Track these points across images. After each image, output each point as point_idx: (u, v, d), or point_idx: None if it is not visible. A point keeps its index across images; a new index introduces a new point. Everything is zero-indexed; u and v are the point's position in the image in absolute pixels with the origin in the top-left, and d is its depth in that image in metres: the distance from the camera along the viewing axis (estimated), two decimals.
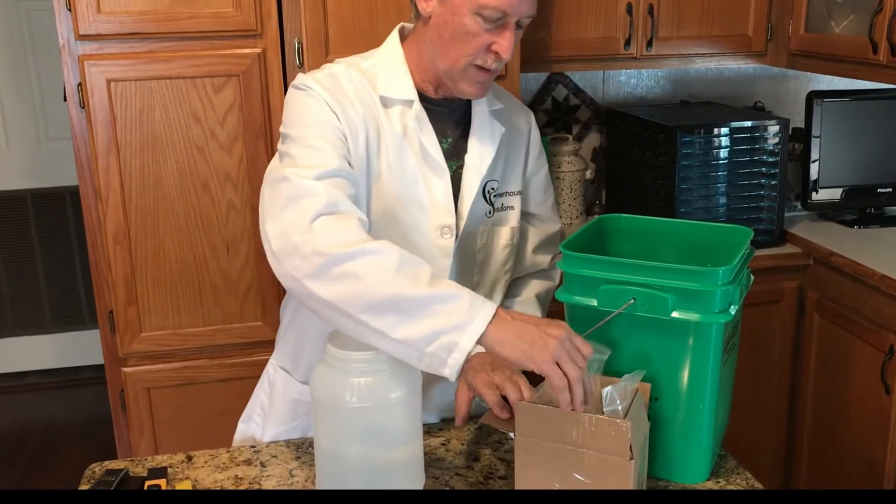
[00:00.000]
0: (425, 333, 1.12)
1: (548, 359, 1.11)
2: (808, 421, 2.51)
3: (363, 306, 1.14)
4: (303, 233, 1.17)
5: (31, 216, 3.75)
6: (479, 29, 1.29)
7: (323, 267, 1.16)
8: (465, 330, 1.12)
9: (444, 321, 1.12)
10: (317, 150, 1.27)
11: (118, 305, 2.08)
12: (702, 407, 1.29)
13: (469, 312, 1.13)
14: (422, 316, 1.13)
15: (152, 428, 2.18)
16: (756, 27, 2.56)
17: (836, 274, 2.34)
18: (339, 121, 1.31)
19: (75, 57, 1.95)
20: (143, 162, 2.00)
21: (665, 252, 1.48)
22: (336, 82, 1.35)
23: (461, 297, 1.14)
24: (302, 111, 1.32)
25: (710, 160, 2.39)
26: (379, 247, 1.17)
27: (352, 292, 1.15)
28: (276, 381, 1.56)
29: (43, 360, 3.90)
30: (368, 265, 1.15)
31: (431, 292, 1.13)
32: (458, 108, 1.45)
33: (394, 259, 1.16)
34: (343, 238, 1.17)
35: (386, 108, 1.37)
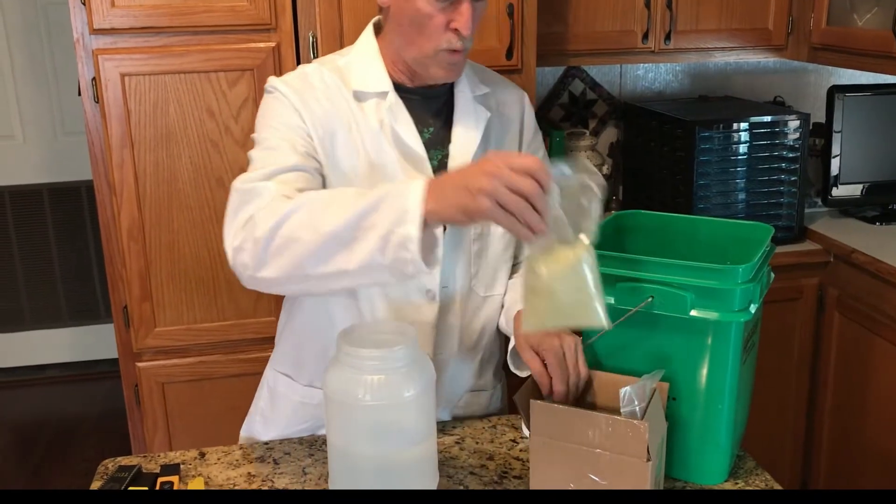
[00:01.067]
0: (374, 247, 1.10)
1: (484, 206, 1.04)
2: (827, 420, 2.48)
3: (312, 261, 1.15)
4: (242, 232, 1.20)
5: (48, 210, 3.76)
6: (433, 10, 1.27)
7: (262, 251, 1.17)
8: (405, 220, 1.08)
9: (382, 226, 1.10)
10: (274, 150, 1.30)
11: (132, 300, 2.08)
12: (721, 407, 1.27)
13: (400, 202, 1.09)
14: (362, 235, 1.11)
15: (166, 422, 2.18)
16: (776, 20, 2.53)
17: (857, 271, 2.31)
18: (303, 120, 1.33)
19: (89, 51, 1.94)
20: (157, 157, 1.99)
21: (683, 249, 1.45)
22: (305, 82, 1.36)
23: (387, 194, 1.11)
24: (267, 115, 1.35)
25: (729, 156, 2.36)
26: (300, 201, 1.18)
27: (296, 256, 1.16)
28: (276, 386, 1.53)
29: (59, 354, 3.91)
30: (297, 224, 1.15)
31: (358, 209, 1.12)
32: (439, 95, 1.41)
33: (317, 204, 1.16)
34: (270, 215, 1.17)
35: (361, 102, 1.37)
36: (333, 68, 1.39)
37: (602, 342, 1.32)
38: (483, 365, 1.54)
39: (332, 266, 1.14)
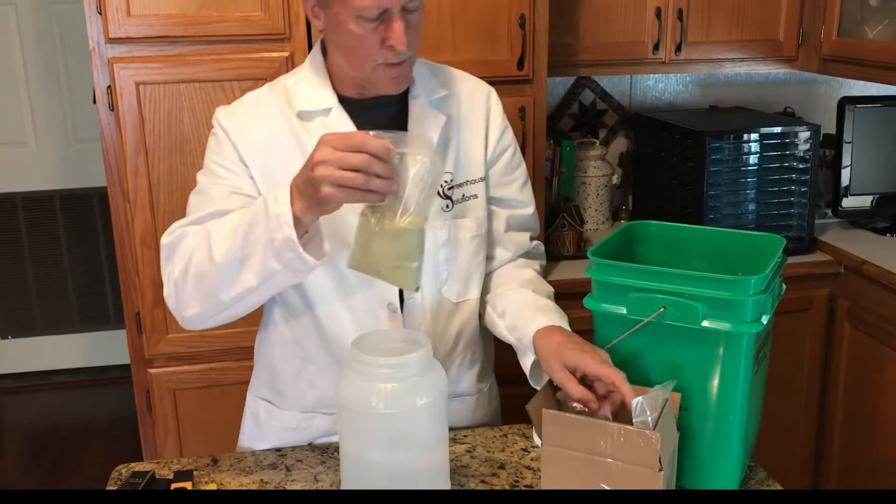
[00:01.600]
0: (264, 258, 1.21)
1: (327, 192, 1.12)
2: (837, 432, 2.47)
3: (219, 288, 1.26)
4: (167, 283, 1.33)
5: (60, 216, 3.79)
6: (366, 31, 1.26)
7: (181, 293, 1.30)
8: (280, 225, 1.17)
9: (264, 236, 1.19)
10: (203, 194, 1.36)
11: (145, 307, 2.09)
12: (732, 418, 1.27)
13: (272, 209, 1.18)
14: (251, 251, 1.21)
15: (177, 429, 2.19)
16: (787, 32, 2.53)
17: (867, 283, 2.31)
18: (240, 155, 1.36)
19: (105, 60, 1.96)
20: (171, 164, 2.01)
21: (694, 260, 1.45)
22: (248, 110, 1.39)
23: (259, 205, 1.21)
24: (207, 154, 1.40)
25: (740, 166, 2.37)
26: (199, 237, 1.27)
27: (206, 288, 1.27)
28: (258, 411, 1.53)
29: (70, 360, 3.93)
30: (199, 260, 1.26)
31: (240, 229, 1.22)
32: (391, 104, 1.39)
33: (211, 235, 1.26)
34: (180, 258, 1.29)
35: (306, 122, 1.37)
36: (281, 90, 1.40)
37: (613, 352, 1.32)
38: (461, 371, 1.51)
39: (238, 287, 1.25)
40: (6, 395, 3.77)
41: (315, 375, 1.45)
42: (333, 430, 1.47)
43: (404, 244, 1.19)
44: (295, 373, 1.46)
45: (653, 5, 2.43)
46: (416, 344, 1.22)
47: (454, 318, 1.48)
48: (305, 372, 1.45)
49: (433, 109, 1.42)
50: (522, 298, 1.45)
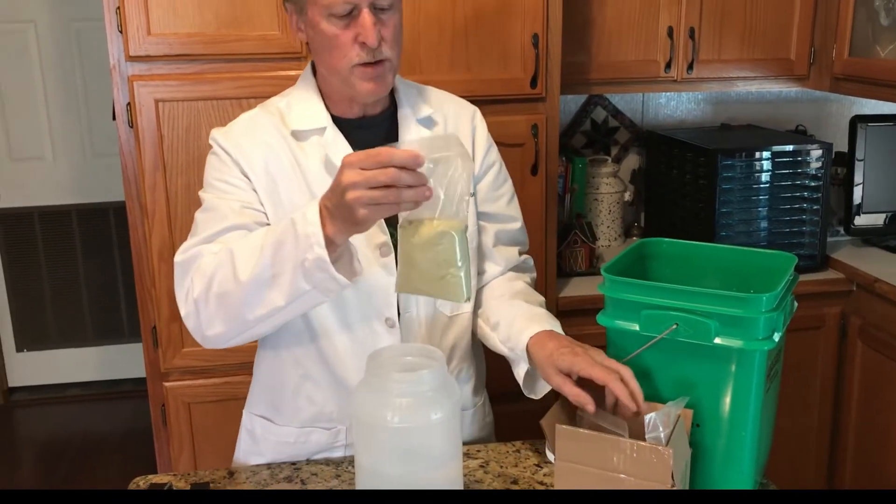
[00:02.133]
0: (294, 277, 1.20)
1: (362, 214, 1.12)
2: (850, 450, 2.47)
3: (246, 308, 1.26)
4: (184, 303, 1.32)
5: (76, 231, 3.83)
6: (338, 29, 1.29)
7: (202, 312, 1.29)
8: (311, 245, 1.17)
9: (294, 256, 1.19)
10: (211, 211, 1.36)
11: (161, 321, 2.11)
12: (744, 434, 1.28)
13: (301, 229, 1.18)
14: (279, 271, 1.21)
15: (192, 442, 2.21)
16: (798, 51, 2.55)
17: (880, 301, 2.31)
18: (243, 171, 1.37)
19: (125, 77, 2.00)
20: (188, 180, 2.04)
21: (706, 277, 1.47)
22: (245, 130, 1.40)
23: (288, 224, 1.20)
24: (208, 173, 1.40)
25: (752, 184, 2.38)
26: (220, 256, 1.27)
27: (231, 308, 1.27)
28: (254, 428, 1.54)
29: (84, 373, 3.96)
30: (222, 279, 1.26)
31: (267, 248, 1.22)
32: (382, 122, 1.43)
33: (234, 254, 1.25)
34: (201, 277, 1.29)
35: (301, 141, 1.39)
36: (274, 111, 1.43)
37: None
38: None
39: (266, 307, 1.25)
40: (21, 408, 3.80)
41: (313, 391, 1.46)
42: (332, 445, 1.48)
43: (445, 249, 1.18)
44: (293, 389, 1.47)
45: (665, 24, 2.46)
46: (430, 359, 1.23)
47: (448, 332, 1.49)
48: (303, 387, 1.46)
49: (422, 127, 1.45)
50: (514, 309, 1.45)
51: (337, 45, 1.31)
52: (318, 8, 1.29)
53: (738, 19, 2.49)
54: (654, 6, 2.44)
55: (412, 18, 2.05)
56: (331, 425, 1.47)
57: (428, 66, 2.08)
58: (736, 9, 2.49)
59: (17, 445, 3.52)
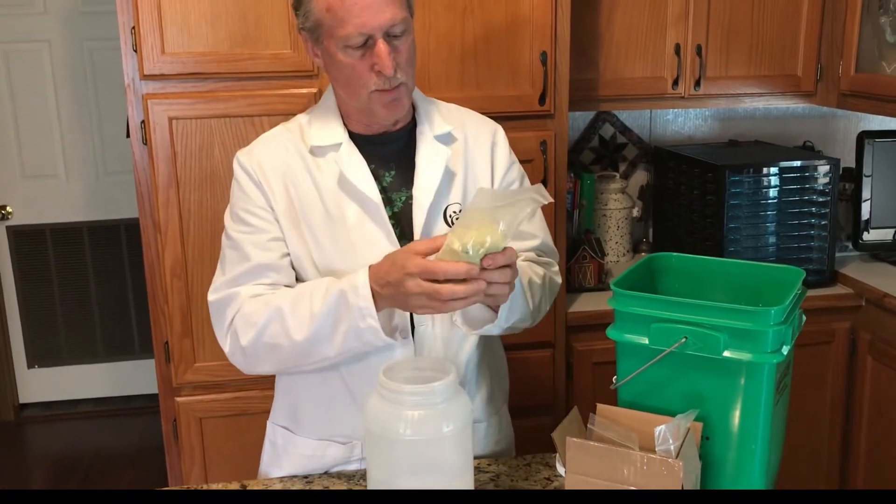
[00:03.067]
0: (346, 338, 1.33)
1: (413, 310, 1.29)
2: (861, 466, 2.46)
3: (297, 359, 1.39)
4: (229, 339, 1.42)
5: (87, 248, 3.86)
6: (354, 59, 1.34)
7: (251, 357, 1.41)
8: (364, 315, 1.30)
9: (347, 323, 1.32)
10: (237, 249, 1.43)
11: (174, 336, 2.13)
12: (754, 448, 1.28)
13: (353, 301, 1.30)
14: (332, 332, 1.33)
15: (203, 457, 2.22)
16: (805, 67, 2.57)
17: (890, 315, 2.31)
18: (264, 195, 1.42)
19: (139, 96, 2.03)
20: (201, 197, 2.06)
21: (715, 291, 1.47)
22: (266, 150, 1.45)
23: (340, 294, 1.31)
24: (234, 199, 1.46)
25: (760, 200, 2.39)
26: (270, 312, 1.36)
27: (281, 357, 1.39)
28: (276, 439, 1.57)
29: (95, 389, 3.98)
30: (273, 333, 1.36)
31: (320, 314, 1.33)
32: (399, 137, 1.46)
33: (284, 311, 1.35)
34: (247, 326, 1.38)
35: (318, 157, 1.44)
36: (295, 127, 1.48)
37: (636, 381, 1.34)
38: (472, 398, 1.53)
39: (315, 357, 1.38)
40: (32, 424, 3.82)
41: (331, 405, 1.48)
42: (348, 459, 1.50)
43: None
44: (311, 401, 1.50)
45: (672, 41, 2.48)
46: (442, 372, 1.25)
47: (465, 346, 1.50)
48: (322, 400, 1.49)
49: (439, 144, 1.47)
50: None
51: (354, 74, 1.35)
52: (334, 40, 1.34)
53: (744, 36, 2.52)
54: (661, 23, 2.47)
55: (423, 37, 2.08)
56: (346, 439, 1.49)
57: (437, 83, 2.11)
58: (743, 25, 2.51)
59: (29, 461, 3.53)
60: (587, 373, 2.35)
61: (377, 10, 1.30)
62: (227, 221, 1.47)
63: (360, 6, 1.30)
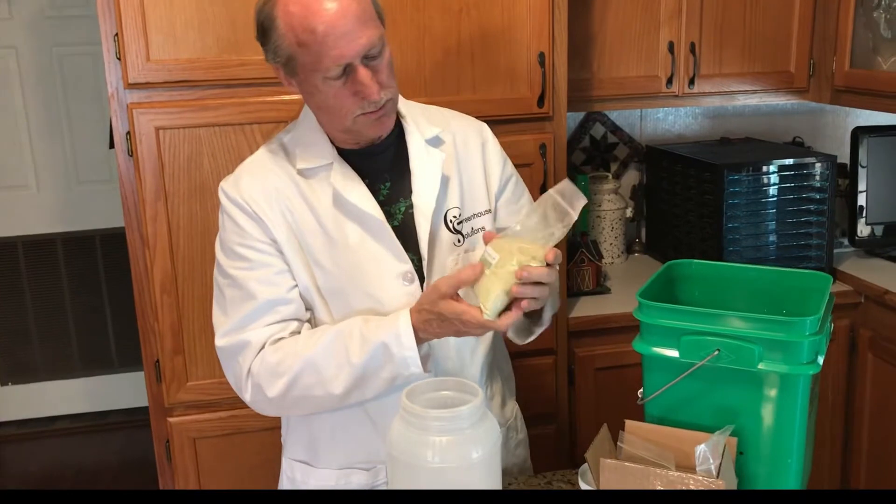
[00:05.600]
0: (385, 386, 1.32)
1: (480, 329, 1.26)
2: (863, 463, 2.45)
3: (331, 405, 1.36)
4: (249, 387, 1.35)
5: (61, 260, 3.74)
6: (336, 89, 1.27)
7: (280, 406, 1.37)
8: (408, 365, 1.29)
9: (389, 372, 1.30)
10: (239, 289, 1.35)
11: (164, 354, 2.05)
12: (789, 461, 1.25)
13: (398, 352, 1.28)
14: (371, 381, 1.31)
15: (198, 478, 2.14)
16: (798, 63, 2.55)
17: (890, 312, 2.29)
18: (261, 226, 1.35)
19: (124, 105, 1.94)
20: (191, 209, 1.98)
21: (737, 299, 1.44)
22: (252, 177, 1.37)
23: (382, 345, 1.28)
24: (225, 233, 1.38)
25: (759, 198, 2.36)
26: (295, 366, 1.31)
27: (315, 405, 1.36)
28: (294, 475, 1.50)
29: (72, 405, 3.86)
30: (306, 385, 1.32)
31: (359, 365, 1.30)
32: (388, 146, 1.40)
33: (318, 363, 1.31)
34: (272, 376, 1.32)
35: (309, 178, 1.37)
36: (278, 149, 1.40)
37: (664, 396, 1.29)
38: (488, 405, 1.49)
39: (350, 402, 1.35)
40: (8, 443, 3.70)
41: (350, 431, 1.42)
42: (372, 485, 1.44)
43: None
44: (328, 429, 1.44)
45: (665, 39, 2.45)
46: (468, 394, 1.19)
47: (477, 351, 1.47)
48: (339, 426, 1.43)
49: (431, 147, 1.42)
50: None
51: (338, 103, 1.29)
52: (311, 75, 1.27)
53: (737, 33, 2.49)
54: (654, 21, 2.43)
55: (418, 40, 2.01)
56: (369, 465, 1.43)
57: (434, 87, 2.05)
58: (735, 22, 2.48)
59: (8, 483, 3.41)
60: (589, 379, 2.31)
61: (352, 38, 1.23)
62: (221, 258, 1.38)
63: (335, 37, 1.22)
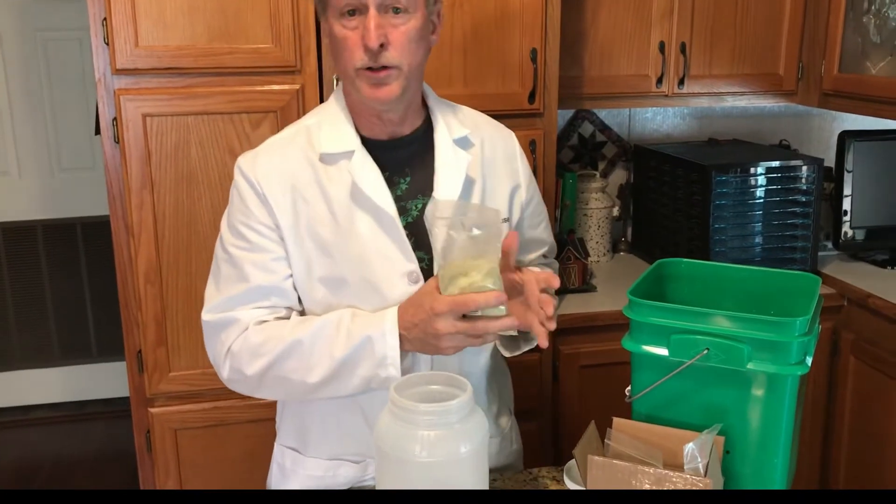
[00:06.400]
0: (360, 383, 1.30)
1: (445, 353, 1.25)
2: (843, 466, 2.46)
3: (306, 394, 1.34)
4: (227, 364, 1.35)
5: (42, 247, 3.70)
6: (347, 31, 1.26)
7: (256, 386, 1.36)
8: (385, 364, 1.27)
9: (366, 369, 1.28)
10: (235, 267, 1.34)
11: (147, 345, 2.03)
12: (776, 461, 1.25)
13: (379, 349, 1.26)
14: (348, 375, 1.29)
15: (178, 470, 2.12)
16: (787, 66, 2.56)
17: (872, 316, 2.31)
18: (267, 208, 1.33)
19: (111, 91, 1.91)
20: (177, 198, 1.96)
21: (726, 299, 1.44)
22: (270, 156, 1.35)
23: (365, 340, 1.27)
24: (232, 208, 1.37)
25: (746, 200, 2.37)
26: (277, 348, 1.30)
27: (290, 390, 1.34)
28: (284, 461, 1.50)
29: (50, 394, 3.82)
30: (286, 369, 1.31)
31: (339, 357, 1.28)
32: (415, 141, 1.39)
33: (301, 349, 1.29)
34: (252, 356, 1.32)
35: (329, 165, 1.34)
36: (303, 130, 1.38)
37: (652, 394, 1.29)
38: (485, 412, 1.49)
39: (324, 395, 1.33)
40: None
41: (342, 423, 1.41)
42: (361, 479, 1.43)
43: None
44: (320, 418, 1.43)
45: (656, 39, 2.45)
46: (457, 388, 1.18)
47: (479, 359, 1.46)
48: (331, 417, 1.42)
49: (458, 148, 1.40)
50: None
51: (345, 46, 1.27)
52: (331, 9, 1.27)
53: (728, 35, 2.50)
54: (645, 21, 2.43)
55: None
56: (359, 458, 1.42)
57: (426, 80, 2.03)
58: (726, 24, 2.49)
59: None
60: (574, 376, 2.31)
61: None
62: (224, 231, 1.37)
63: None
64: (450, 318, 1.19)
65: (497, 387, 1.54)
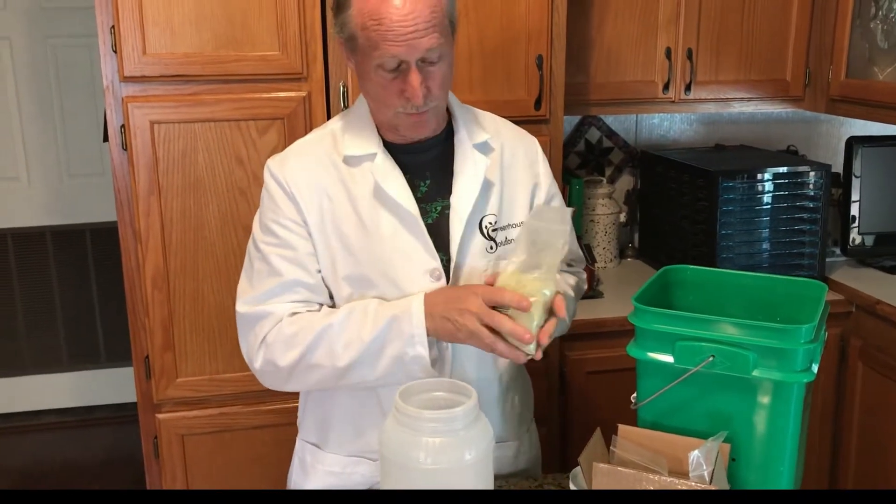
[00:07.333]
0: (389, 365, 1.32)
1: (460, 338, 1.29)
2: (851, 473, 2.45)
3: (335, 381, 1.36)
4: (260, 356, 1.37)
5: (51, 253, 3.71)
6: (386, 80, 1.29)
7: (287, 376, 1.38)
8: (413, 342, 1.30)
9: (394, 349, 1.31)
10: (268, 264, 1.38)
11: (154, 350, 2.03)
12: (782, 469, 1.25)
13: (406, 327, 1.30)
14: (377, 358, 1.32)
15: (185, 475, 2.13)
16: (794, 72, 2.56)
17: (881, 322, 2.30)
18: (297, 207, 1.37)
19: (119, 98, 1.92)
20: (184, 204, 1.97)
21: (731, 305, 1.44)
22: (298, 158, 1.40)
23: (392, 320, 1.31)
24: (264, 210, 1.41)
25: (753, 206, 2.36)
26: (309, 338, 1.33)
27: (321, 378, 1.36)
28: (304, 456, 1.52)
29: (59, 399, 3.84)
30: (317, 357, 1.34)
31: (369, 339, 1.31)
32: (435, 145, 1.42)
33: (331, 335, 1.32)
34: (286, 346, 1.35)
35: (352, 167, 1.38)
36: (328, 133, 1.42)
37: (658, 401, 1.29)
38: (504, 416, 1.51)
39: (353, 381, 1.36)
40: None
41: (361, 420, 1.44)
42: (377, 478, 1.44)
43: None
44: (340, 415, 1.46)
45: (663, 45, 2.45)
46: (462, 395, 1.19)
47: (498, 362, 1.47)
48: (352, 416, 1.45)
49: (478, 153, 1.42)
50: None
51: (384, 94, 1.31)
52: (367, 59, 1.28)
53: (734, 40, 2.49)
54: (652, 27, 2.43)
55: None
56: (377, 456, 1.42)
57: None
58: (733, 30, 2.48)
59: None
60: (581, 382, 2.31)
61: (413, 40, 1.24)
62: (256, 230, 1.42)
63: (397, 34, 1.23)
64: (481, 300, 1.24)
65: (519, 388, 1.55)
